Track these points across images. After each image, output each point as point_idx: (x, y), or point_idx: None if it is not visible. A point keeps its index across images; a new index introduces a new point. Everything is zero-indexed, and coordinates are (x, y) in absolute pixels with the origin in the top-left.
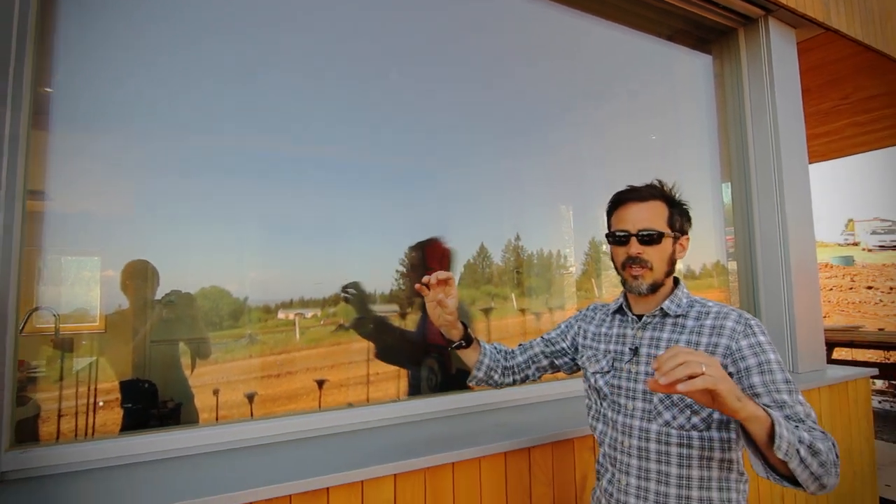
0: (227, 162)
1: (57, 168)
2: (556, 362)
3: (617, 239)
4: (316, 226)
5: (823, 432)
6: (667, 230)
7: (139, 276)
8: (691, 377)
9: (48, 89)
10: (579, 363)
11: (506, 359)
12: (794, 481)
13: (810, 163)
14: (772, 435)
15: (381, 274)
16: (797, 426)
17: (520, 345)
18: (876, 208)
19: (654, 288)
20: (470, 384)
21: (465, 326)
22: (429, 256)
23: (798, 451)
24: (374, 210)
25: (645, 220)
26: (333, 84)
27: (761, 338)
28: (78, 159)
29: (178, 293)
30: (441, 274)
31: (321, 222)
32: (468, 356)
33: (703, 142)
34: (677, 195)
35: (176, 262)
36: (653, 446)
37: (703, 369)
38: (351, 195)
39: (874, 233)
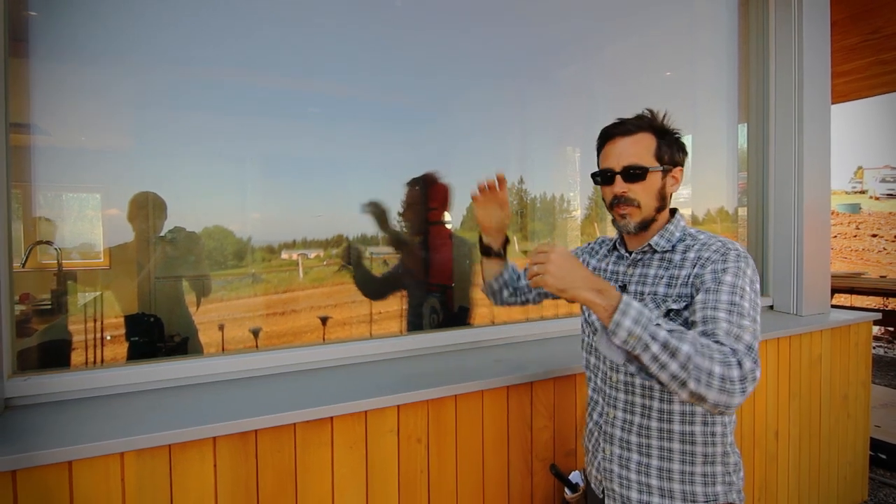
0: (226, 99)
1: (43, 100)
2: None
3: (602, 178)
4: (317, 166)
5: (732, 350)
6: (654, 163)
7: (147, 206)
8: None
9: (32, 13)
10: None
11: (518, 279)
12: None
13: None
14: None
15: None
16: (682, 333)
17: (525, 268)
18: (886, 156)
19: (644, 226)
20: (483, 291)
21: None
22: (431, 193)
23: (647, 345)
24: (377, 152)
25: (630, 155)
26: (335, 19)
27: (730, 264)
28: (67, 91)
29: (182, 230)
30: (500, 176)
31: (323, 163)
32: (493, 266)
33: (721, 79)
34: (668, 123)
35: (179, 202)
36: (638, 381)
37: (535, 269)
38: (353, 136)
39: (883, 181)
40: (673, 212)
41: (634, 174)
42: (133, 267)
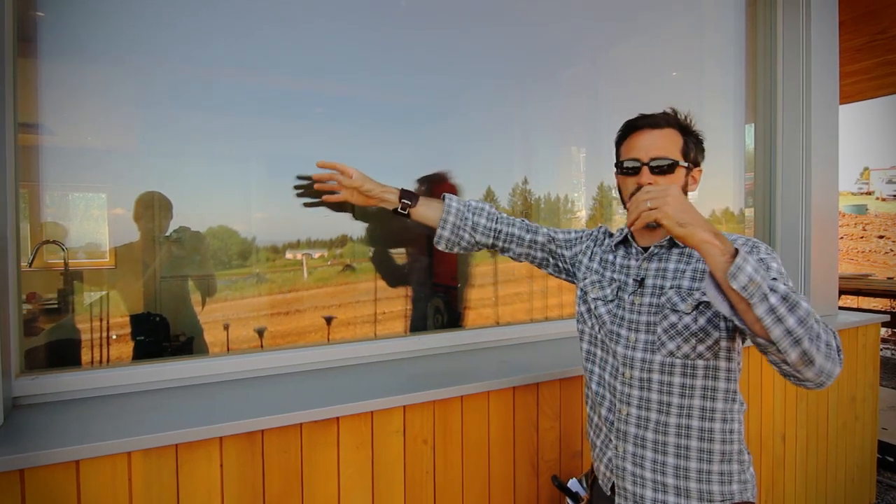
0: (229, 99)
1: (51, 100)
2: (547, 260)
3: (627, 169)
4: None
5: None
6: (680, 159)
7: (153, 206)
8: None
9: (40, 13)
10: (580, 285)
11: (489, 219)
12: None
13: None
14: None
15: (385, 217)
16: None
17: (525, 221)
18: (893, 157)
19: None
20: (437, 246)
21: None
22: (438, 193)
23: (766, 296)
24: (378, 152)
25: (658, 148)
26: (336, 19)
27: (763, 255)
28: (73, 91)
29: (187, 230)
30: (327, 167)
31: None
32: (424, 215)
33: (728, 79)
34: (692, 124)
35: (183, 201)
36: (655, 377)
37: (649, 204)
38: (355, 136)
39: (890, 182)
40: None
41: (663, 167)
42: (139, 266)
